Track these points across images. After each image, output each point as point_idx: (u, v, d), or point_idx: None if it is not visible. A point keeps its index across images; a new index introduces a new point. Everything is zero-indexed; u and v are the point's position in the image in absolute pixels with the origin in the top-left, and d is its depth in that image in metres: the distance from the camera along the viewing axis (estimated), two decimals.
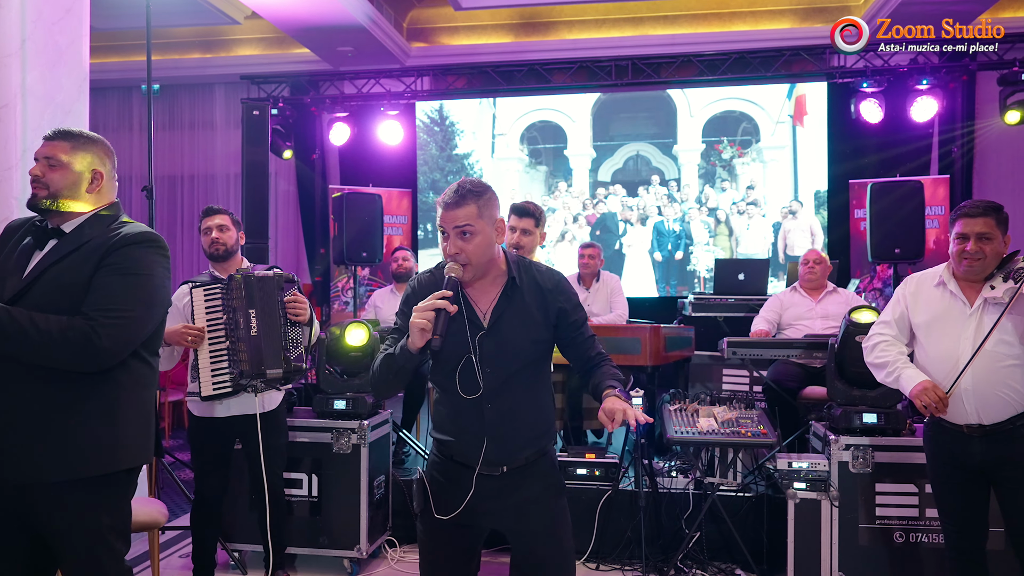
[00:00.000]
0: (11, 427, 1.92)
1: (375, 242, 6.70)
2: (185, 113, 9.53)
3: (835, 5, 7.98)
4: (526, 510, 2.08)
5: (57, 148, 2.09)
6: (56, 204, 2.06)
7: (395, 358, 1.95)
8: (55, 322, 1.88)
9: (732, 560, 3.81)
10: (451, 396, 2.04)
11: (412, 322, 1.87)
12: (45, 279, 1.98)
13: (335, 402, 3.82)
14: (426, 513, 2.09)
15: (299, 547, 3.77)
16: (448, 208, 1.96)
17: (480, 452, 2.01)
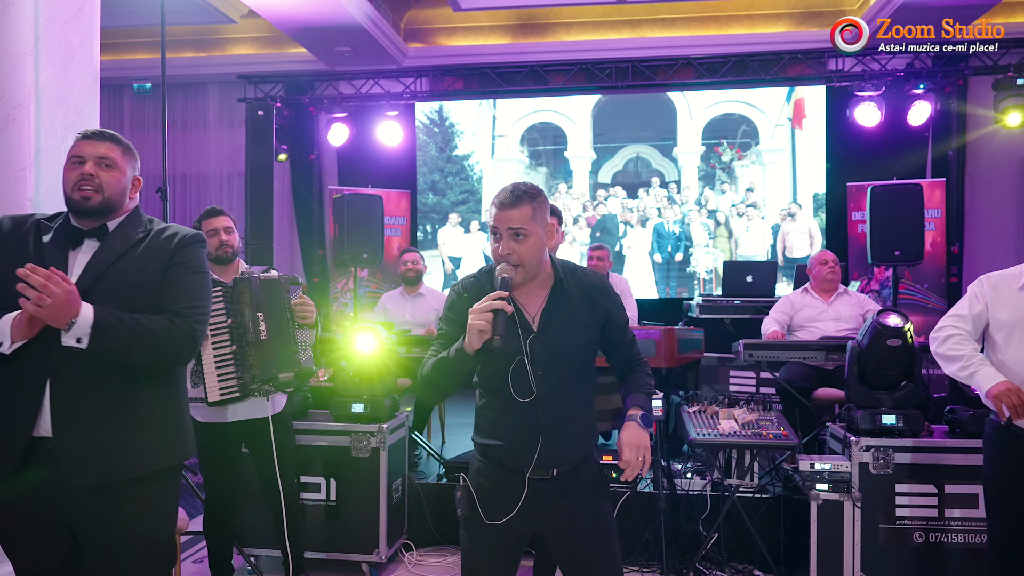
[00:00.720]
0: (90, 427, 1.91)
1: (376, 243, 6.64)
2: (177, 112, 9.42)
3: (831, 9, 8.06)
4: (576, 515, 2.08)
5: (111, 150, 2.04)
6: (108, 206, 2.01)
7: (450, 361, 1.94)
8: (157, 321, 1.94)
9: (749, 561, 3.83)
10: (502, 399, 2.04)
11: (471, 324, 1.86)
12: (109, 278, 1.96)
13: (353, 406, 3.79)
14: (472, 520, 2.08)
15: (317, 551, 3.73)
16: (503, 208, 1.96)
17: (533, 455, 2.01)
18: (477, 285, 2.08)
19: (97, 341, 1.84)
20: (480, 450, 2.12)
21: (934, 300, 6.84)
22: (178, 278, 2.01)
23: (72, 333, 1.82)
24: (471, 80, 7.63)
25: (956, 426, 3.50)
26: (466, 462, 4.23)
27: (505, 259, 1.97)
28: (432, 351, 2.03)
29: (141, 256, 2.01)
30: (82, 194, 1.98)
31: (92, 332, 1.84)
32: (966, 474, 3.36)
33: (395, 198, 7.71)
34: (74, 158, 2.02)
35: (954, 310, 2.81)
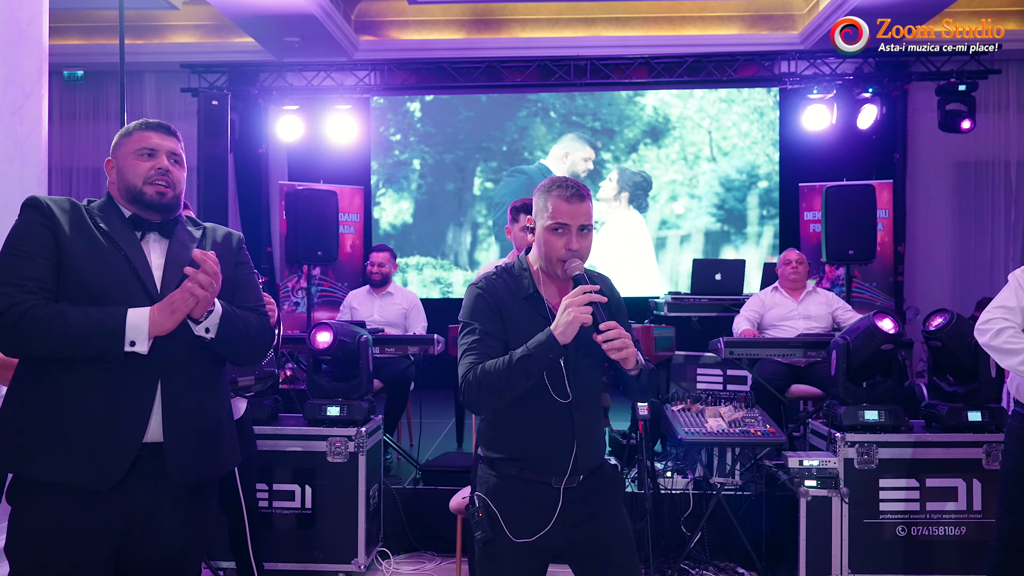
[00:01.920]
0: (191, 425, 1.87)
1: (331, 241, 6.45)
2: (111, 102, 8.98)
3: (780, 13, 8.23)
4: (601, 517, 2.00)
5: (178, 146, 1.96)
6: (177, 203, 1.96)
7: (531, 360, 1.81)
8: (255, 319, 1.98)
9: (730, 559, 3.83)
10: (534, 405, 1.93)
11: (574, 316, 1.78)
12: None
13: (328, 408, 3.63)
14: (495, 541, 1.95)
15: (291, 563, 3.56)
16: (572, 202, 1.91)
17: (568, 461, 1.92)
18: (505, 285, 2.00)
19: (222, 332, 1.85)
20: (497, 464, 1.99)
21: (882, 298, 7.05)
22: (247, 277, 2.06)
23: (205, 323, 1.82)
24: (427, 75, 7.47)
25: (933, 420, 3.57)
26: (443, 467, 4.16)
27: (576, 254, 1.91)
28: (476, 354, 1.89)
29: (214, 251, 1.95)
30: (157, 189, 1.88)
31: (220, 323, 1.84)
32: (946, 468, 3.44)
33: (348, 194, 7.50)
34: (144, 149, 1.89)
35: (999, 302, 2.75)
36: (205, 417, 1.91)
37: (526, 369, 1.82)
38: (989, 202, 8.32)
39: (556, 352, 1.81)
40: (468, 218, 7.93)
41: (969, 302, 7.93)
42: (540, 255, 1.98)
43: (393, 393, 4.55)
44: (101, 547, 1.78)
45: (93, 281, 1.77)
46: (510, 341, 1.92)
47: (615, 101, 7.93)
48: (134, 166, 1.88)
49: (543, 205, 1.96)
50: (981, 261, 8.25)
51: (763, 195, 7.76)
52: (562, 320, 1.80)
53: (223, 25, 8.09)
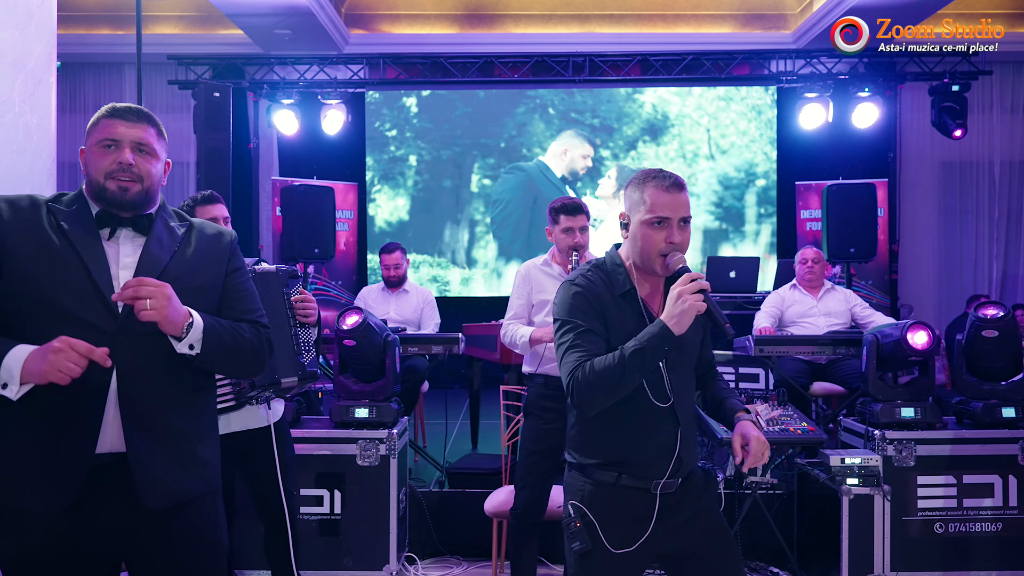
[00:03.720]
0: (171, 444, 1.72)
1: (328, 238, 6.29)
2: (89, 95, 8.69)
3: (772, 13, 8.27)
4: (700, 520, 1.94)
5: (149, 134, 1.73)
6: (147, 198, 1.74)
7: (645, 353, 1.74)
8: (247, 331, 1.82)
9: (760, 559, 3.80)
10: (634, 405, 1.85)
11: (690, 304, 1.71)
12: (170, 277, 1.67)
13: (356, 410, 3.50)
14: (594, 553, 1.86)
15: (318, 570, 3.43)
16: (673, 190, 1.84)
17: (668, 464, 1.86)
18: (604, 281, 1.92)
19: (208, 348, 1.68)
20: (590, 471, 1.91)
21: (878, 296, 7.12)
22: (243, 283, 1.88)
23: (187, 339, 1.65)
24: (421, 69, 7.34)
25: (965, 417, 3.57)
26: (468, 469, 4.06)
27: (676, 248, 1.83)
28: (582, 351, 1.80)
29: (196, 255, 1.80)
30: (119, 183, 1.69)
31: (203, 337, 1.67)
32: (983, 464, 3.44)
33: (342, 191, 7.33)
34: (106, 140, 1.70)
35: None
36: (177, 425, 1.73)
37: (641, 363, 1.74)
38: (973, 201, 8.46)
39: (670, 343, 1.74)
40: (465, 215, 7.83)
41: (954, 299, 8.07)
42: (636, 250, 1.89)
43: (405, 392, 4.44)
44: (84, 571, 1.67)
45: (43, 292, 1.62)
46: (611, 339, 1.84)
47: (614, 98, 7.89)
48: (96, 159, 1.70)
49: (639, 198, 1.87)
50: (966, 259, 8.39)
51: (761, 193, 7.79)
52: (676, 310, 1.73)
53: (209, 16, 7.86)
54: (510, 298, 3.25)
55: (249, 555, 3.33)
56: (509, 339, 3.14)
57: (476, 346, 4.71)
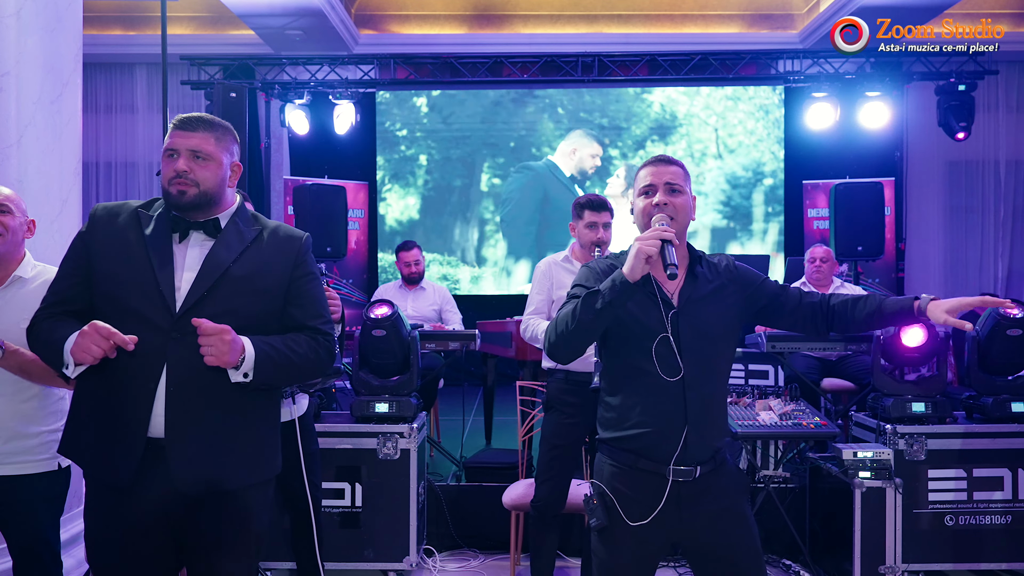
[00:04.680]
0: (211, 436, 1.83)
1: (340, 237, 6.37)
2: (101, 95, 8.76)
3: (779, 13, 8.32)
4: (724, 519, 1.96)
5: (205, 140, 1.87)
6: (207, 200, 1.87)
7: (599, 294, 1.82)
8: (304, 343, 1.90)
9: (772, 551, 3.85)
10: (644, 381, 1.92)
11: (640, 248, 1.79)
12: (231, 279, 1.84)
13: (376, 405, 3.57)
14: (610, 528, 1.94)
15: (339, 562, 3.50)
16: (659, 164, 1.99)
17: (678, 443, 1.90)
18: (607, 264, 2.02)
19: (260, 374, 1.80)
20: (613, 448, 1.98)
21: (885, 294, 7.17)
22: (308, 288, 1.96)
23: (241, 368, 1.78)
24: (431, 69, 7.40)
25: (975, 411, 3.64)
26: (485, 463, 4.12)
27: (662, 209, 1.92)
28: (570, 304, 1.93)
29: (263, 257, 1.90)
30: (177, 188, 1.85)
31: (256, 366, 1.79)
32: (992, 458, 3.50)
33: (354, 190, 7.40)
34: (168, 151, 1.89)
35: None
36: (218, 425, 1.83)
37: (594, 303, 1.82)
38: (980, 200, 8.51)
39: (624, 287, 1.80)
40: (475, 214, 7.89)
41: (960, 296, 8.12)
42: (639, 228, 1.99)
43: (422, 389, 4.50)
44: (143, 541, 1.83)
45: (119, 293, 1.81)
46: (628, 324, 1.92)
47: (622, 98, 7.95)
48: (164, 168, 1.88)
49: (636, 180, 2.03)
50: (971, 257, 8.44)
51: (768, 192, 7.85)
52: (630, 254, 1.82)
53: (219, 17, 7.92)
54: (530, 294, 3.31)
55: (275, 547, 3.41)
56: (531, 334, 3.20)
57: (489, 343, 4.77)
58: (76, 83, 3.52)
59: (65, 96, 3.41)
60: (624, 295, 1.81)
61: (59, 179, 3.36)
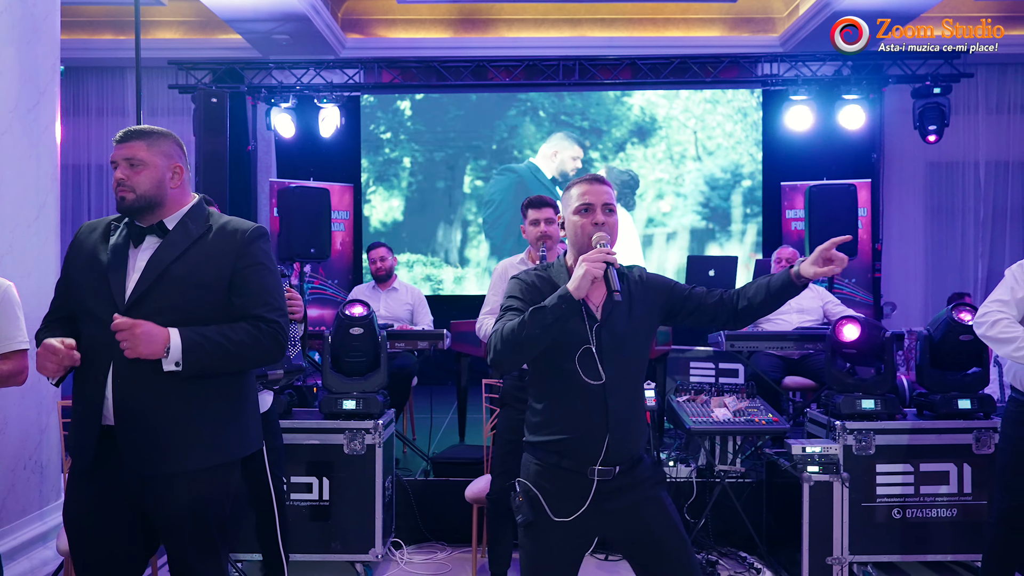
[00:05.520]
0: (151, 422, 1.96)
1: (324, 238, 6.50)
2: (92, 99, 8.90)
3: (760, 17, 8.43)
4: (644, 508, 2.09)
5: (136, 148, 2.03)
6: (146, 203, 2.01)
7: (547, 311, 1.91)
8: (242, 331, 1.98)
9: (731, 544, 3.98)
10: (569, 388, 2.04)
11: (587, 270, 1.89)
12: (170, 277, 1.98)
13: (344, 402, 3.69)
14: (536, 524, 2.05)
15: (308, 553, 3.63)
16: (595, 183, 2.10)
17: (601, 448, 2.02)
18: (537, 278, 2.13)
19: (190, 363, 1.91)
20: (538, 450, 2.10)
21: (862, 294, 7.28)
22: (252, 277, 2.03)
23: (170, 359, 1.89)
24: (415, 73, 7.52)
25: (925, 408, 3.75)
26: (453, 459, 4.25)
27: (600, 229, 2.04)
28: (508, 319, 2.00)
29: (205, 252, 2.02)
30: (119, 195, 2.02)
31: (183, 356, 1.90)
32: (939, 453, 3.61)
33: (338, 192, 7.53)
34: (111, 163, 2.07)
35: (996, 295, 2.92)
36: (164, 411, 1.96)
37: (541, 319, 1.91)
38: (960, 201, 8.61)
39: (569, 304, 1.91)
40: (458, 216, 8.02)
41: (940, 297, 8.21)
42: (572, 243, 2.11)
43: (396, 387, 4.63)
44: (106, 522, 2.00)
45: (81, 297, 2.02)
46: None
47: (603, 101, 8.07)
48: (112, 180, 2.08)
49: (569, 196, 2.12)
50: (952, 258, 8.54)
51: (747, 194, 7.96)
52: (577, 273, 1.92)
53: (208, 22, 8.05)
54: (487, 294, 3.43)
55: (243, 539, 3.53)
56: (483, 332, 3.32)
57: (464, 342, 4.89)
58: (53, 92, 3.63)
59: (42, 104, 3.53)
60: (571, 311, 1.93)
61: (36, 185, 3.49)
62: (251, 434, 2.14)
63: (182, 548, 2.04)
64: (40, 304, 3.45)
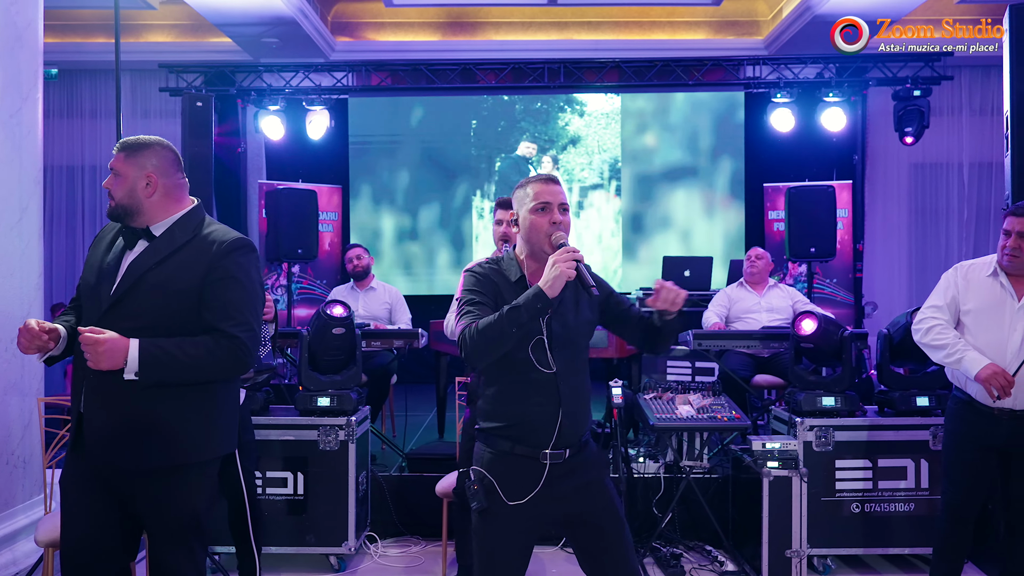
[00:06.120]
0: (117, 419, 2.06)
1: (311, 238, 6.61)
2: (85, 100, 9.02)
3: (745, 20, 8.52)
4: (589, 490, 2.20)
5: (116, 159, 2.16)
6: (123, 210, 2.13)
7: (520, 310, 2.01)
8: (201, 344, 2.04)
9: (699, 538, 4.08)
10: (522, 376, 2.13)
11: (560, 270, 2.00)
12: (146, 283, 2.08)
13: (319, 399, 3.80)
14: (490, 509, 2.14)
15: (284, 546, 3.73)
16: (551, 183, 2.19)
17: (553, 431, 2.12)
18: (496, 271, 2.23)
19: (146, 374, 1.99)
20: (491, 437, 2.19)
21: (843, 294, 7.38)
22: (220, 291, 2.08)
23: (128, 370, 1.98)
24: (403, 76, 7.62)
25: (886, 405, 3.84)
26: (427, 454, 4.35)
27: (558, 228, 2.14)
28: (474, 315, 2.09)
29: (183, 260, 2.11)
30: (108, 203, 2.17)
31: (140, 369, 1.98)
32: (896, 449, 3.71)
33: (327, 193, 7.63)
34: None
35: (931, 301, 3.03)
36: (132, 409, 2.04)
37: (517, 317, 2.02)
38: (944, 201, 8.70)
39: (543, 302, 2.02)
40: (447, 216, 8.12)
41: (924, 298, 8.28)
42: (526, 239, 2.21)
43: (375, 385, 4.73)
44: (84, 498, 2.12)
45: (83, 292, 2.18)
46: None
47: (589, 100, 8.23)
48: None
49: (525, 194, 2.21)
50: (936, 258, 8.62)
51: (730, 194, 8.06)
52: (550, 274, 2.02)
53: (200, 25, 8.15)
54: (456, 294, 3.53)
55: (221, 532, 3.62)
56: (450, 331, 3.43)
57: (443, 342, 4.98)
58: (36, 98, 3.74)
59: (25, 110, 3.64)
60: (546, 308, 2.04)
61: (19, 187, 3.59)
62: (223, 436, 2.20)
63: (154, 541, 2.14)
64: (22, 303, 3.59)
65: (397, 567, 3.85)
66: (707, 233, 8.04)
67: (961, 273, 3.01)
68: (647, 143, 8.21)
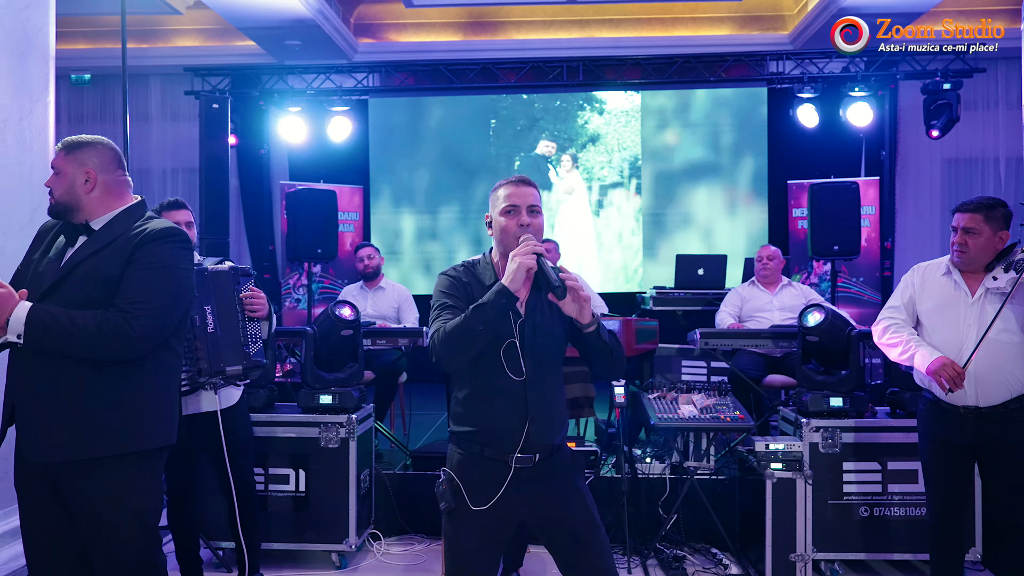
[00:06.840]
0: (45, 409, 2.06)
1: (330, 239, 6.67)
2: (119, 104, 9.19)
3: (770, 14, 8.38)
4: (560, 494, 2.18)
5: (56, 158, 2.22)
6: (62, 208, 2.19)
7: (486, 307, 2.00)
8: (90, 317, 2.02)
9: (705, 540, 4.01)
10: (490, 382, 2.12)
11: (520, 262, 2.00)
12: (80, 272, 2.11)
13: (321, 397, 3.82)
14: (458, 510, 2.14)
15: (285, 542, 3.76)
16: (521, 185, 2.17)
17: (520, 437, 2.10)
18: (471, 273, 2.21)
19: (30, 337, 1.98)
20: (461, 439, 2.18)
21: (869, 293, 7.20)
22: (130, 274, 2.09)
23: (11, 331, 1.98)
24: (423, 77, 7.66)
25: (897, 406, 3.74)
26: (432, 453, 4.35)
27: (526, 230, 2.12)
28: (444, 319, 2.08)
29: (113, 250, 2.13)
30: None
31: (25, 329, 1.97)
32: (907, 451, 3.59)
33: (348, 194, 7.71)
34: None
35: (890, 302, 3.06)
36: (55, 402, 2.04)
37: (482, 315, 2.01)
38: None
39: (508, 298, 2.00)
40: (466, 216, 8.13)
41: None
42: (498, 242, 2.19)
43: (383, 383, 4.75)
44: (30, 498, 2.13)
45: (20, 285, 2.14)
46: None
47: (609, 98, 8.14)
48: None
49: (496, 197, 2.20)
50: None
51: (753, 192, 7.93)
52: (510, 268, 2.01)
53: (225, 29, 8.29)
54: None
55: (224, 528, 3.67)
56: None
57: None
58: (46, 101, 3.82)
59: (35, 113, 3.73)
60: (510, 304, 2.03)
61: (29, 189, 3.67)
62: (158, 426, 2.16)
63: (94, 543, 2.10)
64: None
65: (398, 565, 3.86)
66: (729, 231, 7.92)
67: (918, 274, 3.00)
68: (668, 140, 8.12)
